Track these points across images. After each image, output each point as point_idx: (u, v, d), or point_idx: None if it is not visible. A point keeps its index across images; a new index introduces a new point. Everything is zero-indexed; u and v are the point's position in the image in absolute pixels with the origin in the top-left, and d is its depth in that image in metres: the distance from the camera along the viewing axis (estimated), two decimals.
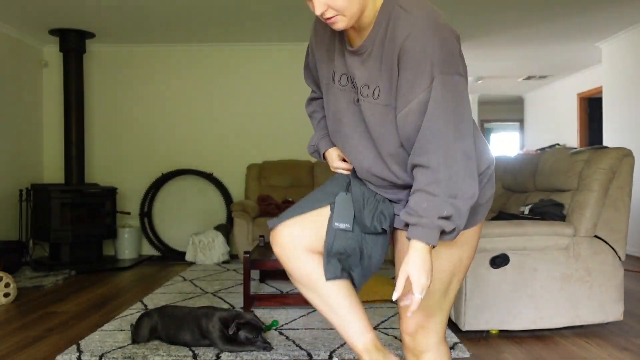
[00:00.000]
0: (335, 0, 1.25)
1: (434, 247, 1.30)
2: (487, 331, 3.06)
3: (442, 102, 1.25)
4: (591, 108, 8.33)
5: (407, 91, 1.27)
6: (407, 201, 1.40)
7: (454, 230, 1.30)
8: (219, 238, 5.69)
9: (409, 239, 1.31)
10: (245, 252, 3.54)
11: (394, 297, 1.29)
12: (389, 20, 1.30)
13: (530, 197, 3.61)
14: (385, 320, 3.28)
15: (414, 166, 1.32)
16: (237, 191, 6.22)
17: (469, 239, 1.46)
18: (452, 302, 1.51)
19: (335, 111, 1.48)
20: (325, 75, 1.50)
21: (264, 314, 3.44)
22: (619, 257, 3.04)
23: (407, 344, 1.50)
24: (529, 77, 8.68)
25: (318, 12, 1.27)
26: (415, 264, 1.28)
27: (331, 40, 1.46)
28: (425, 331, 1.47)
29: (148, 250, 6.21)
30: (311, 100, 1.72)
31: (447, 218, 1.27)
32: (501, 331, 3.07)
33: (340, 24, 1.30)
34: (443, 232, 1.30)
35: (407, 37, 1.26)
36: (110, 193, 5.74)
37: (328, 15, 1.28)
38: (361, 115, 1.41)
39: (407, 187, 1.44)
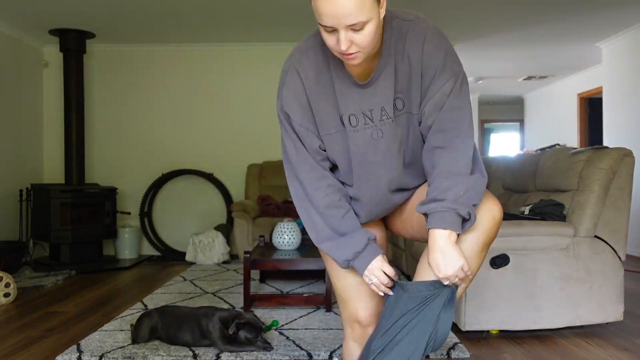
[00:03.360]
0: (363, 38, 1.26)
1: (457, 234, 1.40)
2: (487, 331, 3.05)
3: (461, 93, 1.39)
4: (591, 108, 8.33)
5: (432, 87, 1.38)
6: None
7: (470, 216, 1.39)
8: (219, 238, 5.69)
9: (432, 228, 1.38)
10: (245, 252, 3.54)
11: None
12: (394, 35, 1.37)
13: (531, 197, 3.61)
14: None
15: (433, 149, 1.43)
16: (237, 191, 6.22)
17: None
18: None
19: (356, 152, 1.47)
20: (331, 125, 1.46)
21: (264, 314, 3.44)
22: (619, 257, 3.04)
23: None
24: (529, 77, 8.68)
25: (343, 48, 1.27)
26: (450, 260, 1.38)
27: (328, 88, 1.44)
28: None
29: (148, 250, 6.21)
30: (332, 188, 1.51)
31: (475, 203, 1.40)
32: (501, 331, 3.07)
33: (358, 60, 1.31)
34: (464, 220, 1.39)
35: (424, 41, 1.35)
36: (110, 193, 5.74)
37: (351, 51, 1.28)
38: (385, 141, 1.46)
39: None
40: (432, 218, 1.37)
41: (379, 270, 1.47)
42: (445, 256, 1.35)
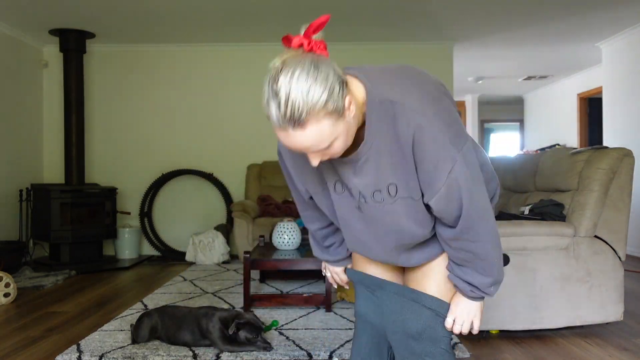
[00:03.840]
0: (333, 151, 1.18)
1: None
2: (487, 331, 3.06)
3: (467, 180, 1.24)
4: (591, 108, 8.33)
5: (433, 181, 1.23)
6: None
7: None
8: (219, 238, 5.69)
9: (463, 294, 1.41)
10: (245, 252, 3.54)
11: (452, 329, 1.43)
12: (381, 120, 1.21)
13: (531, 197, 3.61)
14: None
15: (453, 239, 1.35)
16: (237, 191, 6.22)
17: None
18: None
19: (341, 216, 1.42)
20: (317, 185, 1.42)
21: (264, 314, 3.44)
22: (619, 257, 3.04)
23: None
24: (529, 77, 8.68)
25: (315, 164, 1.20)
26: (467, 311, 1.41)
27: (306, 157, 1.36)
28: None
29: (148, 250, 6.21)
30: (317, 225, 1.60)
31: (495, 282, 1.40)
32: (501, 331, 3.07)
33: (335, 157, 1.23)
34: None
35: (415, 130, 1.18)
36: (110, 193, 5.74)
37: (324, 159, 1.21)
38: (364, 217, 1.37)
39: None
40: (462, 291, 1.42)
41: (335, 273, 1.68)
42: (466, 305, 1.40)
